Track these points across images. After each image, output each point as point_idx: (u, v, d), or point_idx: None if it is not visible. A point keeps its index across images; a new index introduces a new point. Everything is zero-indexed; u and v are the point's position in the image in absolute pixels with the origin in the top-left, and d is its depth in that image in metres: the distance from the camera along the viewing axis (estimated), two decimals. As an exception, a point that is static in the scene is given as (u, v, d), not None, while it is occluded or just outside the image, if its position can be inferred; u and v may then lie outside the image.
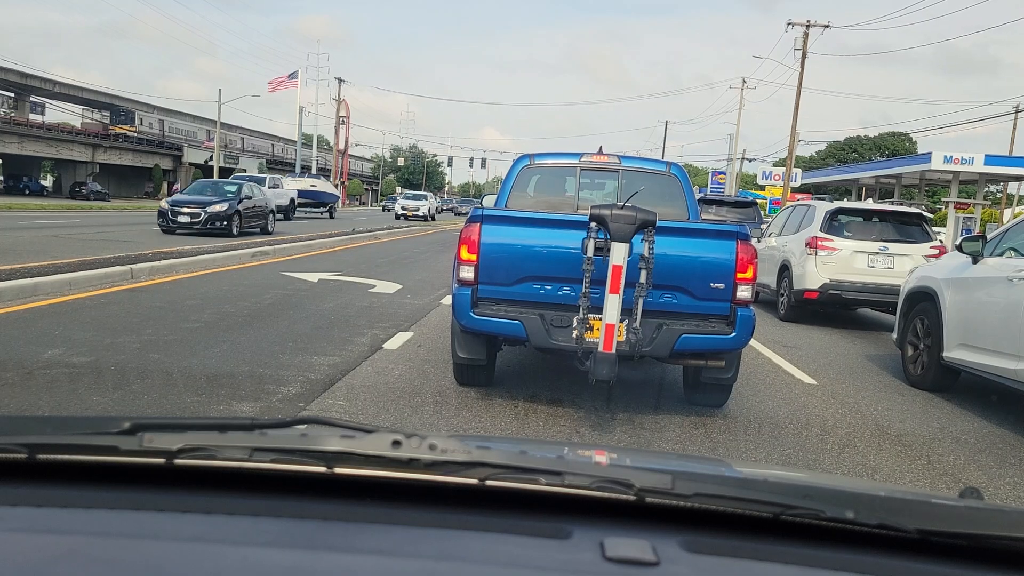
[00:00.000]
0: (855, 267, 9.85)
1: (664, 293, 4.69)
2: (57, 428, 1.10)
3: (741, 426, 4.90)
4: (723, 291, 4.69)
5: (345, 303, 8.70)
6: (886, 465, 4.32)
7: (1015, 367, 5.22)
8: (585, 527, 0.88)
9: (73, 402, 4.38)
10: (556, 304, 4.72)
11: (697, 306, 4.74)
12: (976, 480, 4.13)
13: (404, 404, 4.83)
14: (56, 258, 10.15)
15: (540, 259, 4.74)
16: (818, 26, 36.50)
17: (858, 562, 0.86)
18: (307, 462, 0.92)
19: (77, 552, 0.77)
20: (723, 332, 4.67)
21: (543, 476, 0.91)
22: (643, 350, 4.57)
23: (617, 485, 0.90)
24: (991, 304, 5.70)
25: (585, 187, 6.06)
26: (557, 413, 4.91)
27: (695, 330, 4.66)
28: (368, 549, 0.81)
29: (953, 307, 6.15)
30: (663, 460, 1.73)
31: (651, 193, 5.58)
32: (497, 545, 0.84)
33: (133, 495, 0.91)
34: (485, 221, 4.80)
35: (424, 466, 0.90)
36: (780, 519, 0.91)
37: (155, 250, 11.84)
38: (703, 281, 4.71)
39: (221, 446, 0.93)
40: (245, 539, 0.82)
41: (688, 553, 0.84)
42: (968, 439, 4.99)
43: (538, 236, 4.77)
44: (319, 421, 1.04)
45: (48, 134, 50.57)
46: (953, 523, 0.93)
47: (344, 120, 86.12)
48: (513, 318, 4.67)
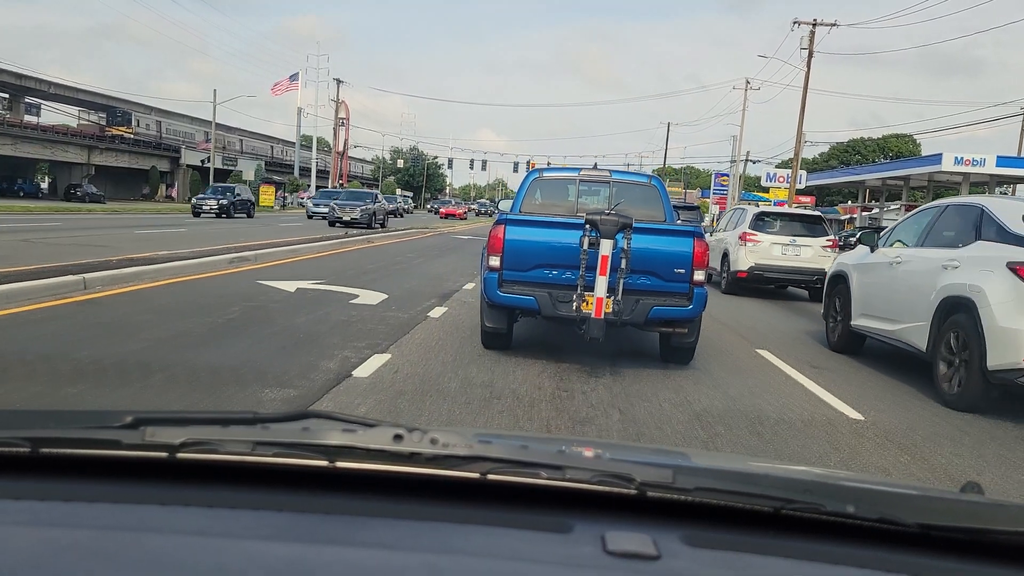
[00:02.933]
0: (772, 254, 13.42)
1: (640, 276, 6.09)
2: (60, 422, 1.12)
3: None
4: (684, 275, 6.12)
5: (320, 317, 7.85)
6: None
7: (892, 328, 7.02)
8: (586, 521, 0.88)
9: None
10: (560, 284, 6.14)
11: (664, 286, 6.16)
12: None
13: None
14: (15, 264, 9.34)
15: (548, 251, 6.18)
16: (825, 24, 35.67)
17: (858, 556, 0.86)
18: (309, 456, 0.92)
19: (80, 546, 0.78)
20: (683, 305, 6.13)
21: (544, 470, 0.92)
22: (624, 318, 5.99)
23: (618, 479, 0.91)
24: (879, 283, 7.46)
25: (584, 194, 7.53)
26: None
27: (663, 303, 6.12)
28: (370, 543, 0.82)
29: (857, 286, 7.85)
30: (664, 454, 1.70)
31: (636, 199, 7.10)
32: (498, 539, 0.85)
33: (135, 489, 0.91)
34: (508, 223, 6.29)
35: (425, 460, 0.91)
36: (781, 513, 0.91)
37: (126, 256, 11.02)
38: (669, 268, 6.13)
39: (223, 440, 0.94)
40: (247, 533, 0.83)
41: (689, 547, 0.85)
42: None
43: (547, 234, 6.23)
44: (321, 415, 1.04)
45: (43, 135, 49.88)
46: (954, 517, 0.94)
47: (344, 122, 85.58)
48: (528, 295, 6.14)
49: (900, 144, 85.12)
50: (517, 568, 0.79)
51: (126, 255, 11.20)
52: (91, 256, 10.79)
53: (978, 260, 6.00)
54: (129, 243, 14.80)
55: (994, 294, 5.62)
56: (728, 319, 10.26)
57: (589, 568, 0.79)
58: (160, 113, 63.76)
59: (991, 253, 5.90)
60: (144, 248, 13.22)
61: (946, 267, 6.32)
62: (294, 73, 64.06)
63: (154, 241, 15.96)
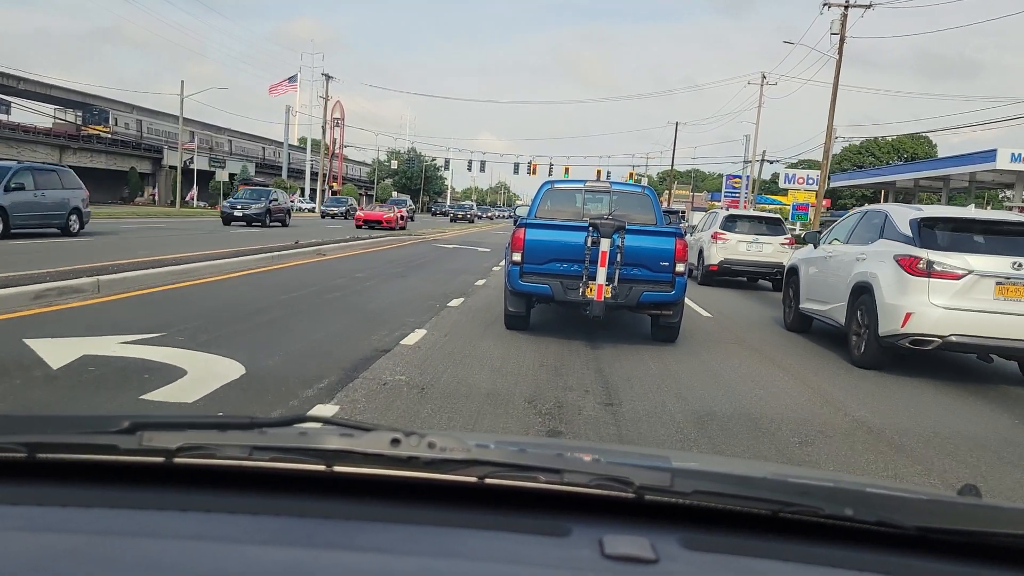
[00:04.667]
0: (739, 251, 15.70)
1: (633, 268, 7.58)
2: (57, 427, 1.10)
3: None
4: (668, 267, 7.61)
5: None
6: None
7: (824, 308, 8.76)
8: (584, 525, 0.88)
9: None
10: (569, 275, 7.61)
11: (652, 276, 7.64)
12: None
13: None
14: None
15: (559, 248, 7.67)
16: (859, 6, 31.81)
17: (856, 559, 0.87)
18: (306, 460, 0.92)
19: (77, 551, 0.77)
20: (667, 291, 7.65)
21: (542, 474, 0.91)
22: (620, 301, 7.58)
23: (616, 483, 0.91)
24: (817, 272, 9.32)
25: (588, 202, 9.22)
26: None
27: (651, 290, 7.63)
28: (367, 547, 0.81)
29: (804, 276, 9.70)
30: (662, 458, 1.63)
31: (632, 206, 9.01)
32: (496, 542, 0.85)
33: (132, 494, 0.91)
34: (527, 226, 7.88)
35: (423, 464, 0.90)
36: (779, 516, 0.91)
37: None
38: (656, 261, 7.63)
39: (220, 444, 0.93)
40: (244, 537, 0.82)
41: (687, 550, 0.85)
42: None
43: (558, 235, 7.73)
44: (318, 420, 1.03)
45: (11, 135, 46.44)
46: (951, 520, 0.94)
47: (338, 122, 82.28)
48: (544, 283, 7.67)
49: (915, 145, 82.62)
50: (515, 572, 0.79)
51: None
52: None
53: (878, 253, 7.69)
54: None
55: (884, 279, 7.33)
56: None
57: (587, 572, 0.79)
58: (142, 112, 60.31)
59: (886, 248, 7.59)
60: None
61: (859, 259, 8.01)
62: (293, 75, 60.69)
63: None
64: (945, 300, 6.85)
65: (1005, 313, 6.75)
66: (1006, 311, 6.76)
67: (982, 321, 6.78)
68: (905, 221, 7.47)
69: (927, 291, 6.90)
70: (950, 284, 6.86)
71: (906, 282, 7.01)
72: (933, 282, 6.89)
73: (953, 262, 6.89)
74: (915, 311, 6.90)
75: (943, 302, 6.85)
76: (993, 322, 6.76)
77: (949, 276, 6.87)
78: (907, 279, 7.01)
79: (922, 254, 7.00)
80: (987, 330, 6.78)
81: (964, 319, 6.79)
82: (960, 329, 6.81)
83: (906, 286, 7.01)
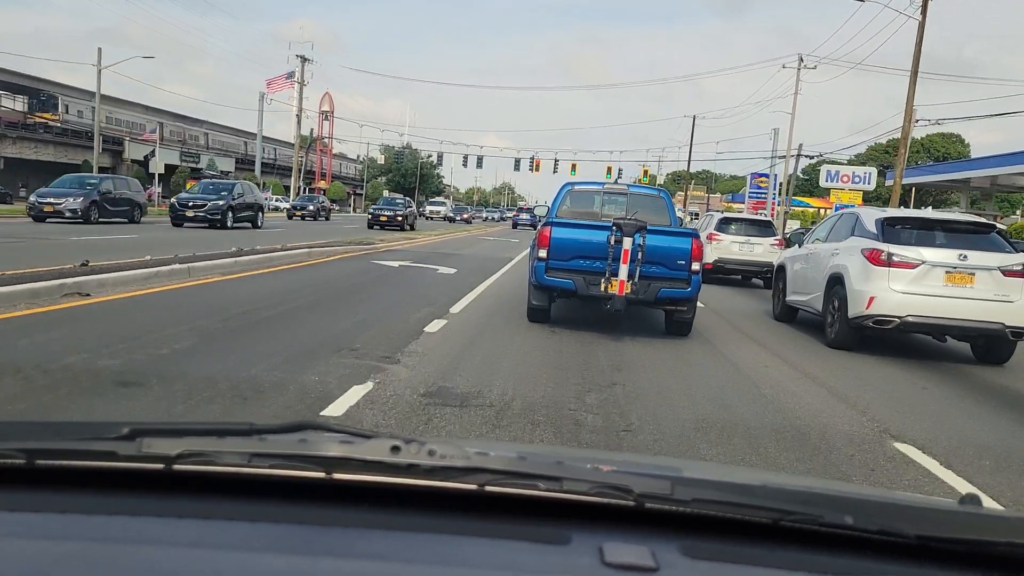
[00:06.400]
0: (732, 250, 17.22)
1: (652, 266, 8.10)
2: (56, 433, 1.10)
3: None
4: (684, 265, 8.20)
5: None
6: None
7: (805, 299, 10.03)
8: (584, 532, 0.88)
9: None
10: (592, 271, 8.15)
11: (670, 274, 8.20)
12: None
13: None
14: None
15: (584, 246, 8.20)
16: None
17: (857, 567, 0.87)
18: (306, 467, 0.91)
19: (75, 557, 0.77)
20: (683, 288, 8.23)
21: (542, 481, 0.91)
22: (640, 297, 8.09)
23: (616, 491, 0.90)
24: (799, 268, 10.63)
25: (606, 203, 10.02)
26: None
27: (668, 287, 8.19)
28: (367, 554, 0.81)
29: (790, 271, 11.00)
30: (662, 466, 1.64)
31: (648, 208, 9.55)
32: (496, 550, 0.84)
33: (132, 500, 0.90)
34: (554, 225, 8.44)
35: (423, 472, 0.90)
36: (779, 525, 0.90)
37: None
38: (673, 260, 8.20)
39: (220, 451, 0.93)
40: (243, 544, 0.81)
41: (687, 558, 0.84)
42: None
43: (583, 234, 8.29)
44: (318, 427, 1.02)
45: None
46: (952, 529, 0.93)
47: (328, 115, 75.78)
48: (568, 279, 8.19)
49: (947, 144, 77.14)
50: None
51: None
52: None
53: (849, 248, 8.94)
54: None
55: (853, 269, 8.54)
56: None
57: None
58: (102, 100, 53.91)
59: (855, 244, 8.83)
60: None
61: (833, 254, 9.29)
62: (291, 71, 54.88)
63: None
64: (903, 286, 8.16)
65: (952, 297, 8.09)
66: (952, 295, 8.10)
67: (933, 304, 8.08)
68: (872, 220, 8.94)
69: (887, 278, 8.21)
70: (907, 272, 8.19)
71: (870, 271, 8.33)
72: (892, 271, 8.22)
73: (909, 254, 8.24)
74: (877, 295, 8.19)
75: (901, 287, 8.17)
76: (941, 305, 8.09)
77: (906, 266, 8.20)
78: (871, 268, 8.33)
79: (884, 247, 8.35)
80: (937, 311, 8.09)
81: (918, 302, 8.10)
82: (915, 311, 8.10)
83: (870, 274, 8.32)
